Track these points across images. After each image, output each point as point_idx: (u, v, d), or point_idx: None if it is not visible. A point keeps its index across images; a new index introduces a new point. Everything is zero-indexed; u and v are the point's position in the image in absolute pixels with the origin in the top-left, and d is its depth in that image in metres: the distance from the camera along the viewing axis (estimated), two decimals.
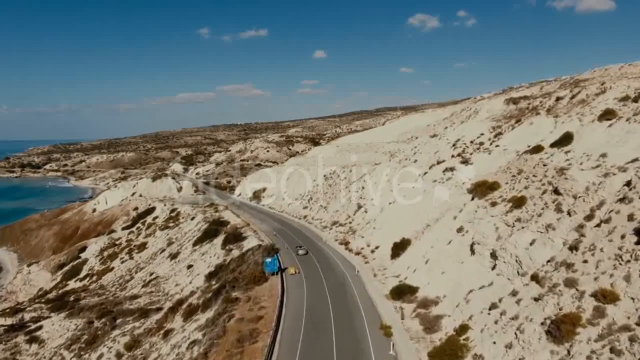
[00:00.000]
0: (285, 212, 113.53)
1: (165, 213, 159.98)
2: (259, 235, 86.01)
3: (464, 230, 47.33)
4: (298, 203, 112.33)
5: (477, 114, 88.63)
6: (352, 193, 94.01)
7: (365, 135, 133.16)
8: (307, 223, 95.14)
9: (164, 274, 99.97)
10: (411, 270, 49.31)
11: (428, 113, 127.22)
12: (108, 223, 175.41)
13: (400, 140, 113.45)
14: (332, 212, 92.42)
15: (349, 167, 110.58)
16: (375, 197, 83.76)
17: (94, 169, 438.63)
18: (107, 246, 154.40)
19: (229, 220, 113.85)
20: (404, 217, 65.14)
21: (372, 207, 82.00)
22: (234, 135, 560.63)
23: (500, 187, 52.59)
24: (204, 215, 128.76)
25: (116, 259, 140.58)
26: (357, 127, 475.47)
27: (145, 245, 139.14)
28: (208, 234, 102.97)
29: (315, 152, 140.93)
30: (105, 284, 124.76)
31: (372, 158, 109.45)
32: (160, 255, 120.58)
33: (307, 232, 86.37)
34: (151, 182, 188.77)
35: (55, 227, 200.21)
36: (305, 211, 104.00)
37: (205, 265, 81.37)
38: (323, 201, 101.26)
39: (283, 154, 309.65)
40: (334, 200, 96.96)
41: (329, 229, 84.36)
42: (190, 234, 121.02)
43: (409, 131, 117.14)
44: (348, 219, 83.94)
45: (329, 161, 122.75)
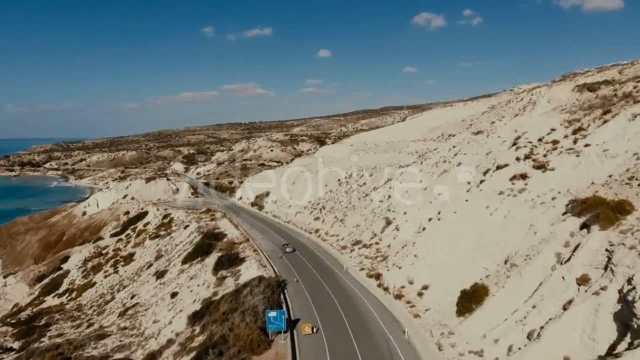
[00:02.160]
0: (292, 223, 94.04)
1: (157, 219, 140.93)
2: (260, 258, 66.58)
3: (600, 286, 27.70)
4: (307, 212, 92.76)
5: (535, 105, 69.02)
6: (375, 203, 74.45)
7: (383, 133, 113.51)
8: (320, 239, 75.59)
9: (145, 299, 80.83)
10: (503, 347, 29.70)
11: (457, 107, 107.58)
12: (96, 228, 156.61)
13: (429, 139, 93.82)
14: (351, 226, 72.89)
15: (367, 169, 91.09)
16: (408, 210, 64.18)
17: (94, 168, 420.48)
18: (92, 256, 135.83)
19: (225, 232, 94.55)
20: (461, 244, 45.58)
21: (405, 223, 62.42)
22: (237, 134, 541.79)
23: (634, 209, 33.02)
24: (198, 224, 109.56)
25: (100, 272, 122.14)
26: (363, 126, 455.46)
27: (133, 256, 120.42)
28: (200, 250, 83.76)
29: (325, 152, 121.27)
30: (84, 302, 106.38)
31: (395, 159, 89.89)
32: (147, 271, 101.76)
33: (321, 254, 66.77)
34: (145, 184, 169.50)
35: (42, 232, 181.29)
36: (316, 223, 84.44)
37: (191, 297, 62.05)
38: (339, 212, 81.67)
39: (287, 154, 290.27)
40: (353, 212, 77.38)
41: (350, 250, 64.80)
42: (181, 247, 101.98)
43: (437, 127, 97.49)
44: (374, 237, 64.39)
45: (342, 163, 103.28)
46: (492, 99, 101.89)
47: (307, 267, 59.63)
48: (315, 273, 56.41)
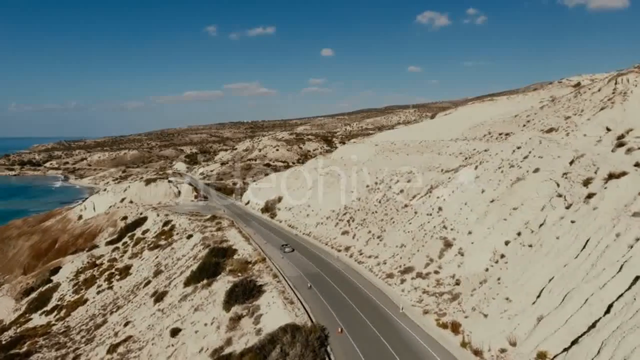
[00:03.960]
0: (312, 236, 78.97)
1: (157, 226, 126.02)
2: (283, 287, 51.50)
3: None
4: (331, 224, 77.70)
5: (625, 95, 54.05)
6: (421, 216, 59.38)
7: (413, 132, 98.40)
8: (354, 261, 60.43)
9: (140, 331, 65.94)
10: None
11: (500, 101, 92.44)
12: (91, 235, 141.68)
13: (471, 137, 78.84)
14: (394, 245, 57.83)
15: (402, 174, 76.06)
16: (474, 229, 49.17)
17: (94, 167, 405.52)
18: (85, 267, 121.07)
19: (235, 246, 79.52)
20: (593, 296, 30.57)
21: (471, 246, 47.47)
22: (240, 133, 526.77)
23: None
24: (203, 235, 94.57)
25: (93, 286, 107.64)
26: (368, 125, 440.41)
27: (129, 270, 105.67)
28: (205, 270, 68.88)
29: (346, 153, 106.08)
30: (72, 324, 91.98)
31: (434, 162, 74.95)
32: (144, 289, 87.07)
33: (361, 284, 51.63)
34: (144, 186, 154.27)
35: (34, 237, 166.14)
36: (345, 239, 69.33)
37: (197, 343, 47.04)
38: (373, 225, 66.58)
39: (294, 153, 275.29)
40: (392, 227, 62.28)
41: (399, 280, 49.69)
42: (183, 262, 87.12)
43: (480, 125, 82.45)
44: (430, 264, 49.33)
45: (368, 166, 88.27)
46: (541, 92, 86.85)
47: (349, 306, 44.55)
48: (362, 317, 41.29)
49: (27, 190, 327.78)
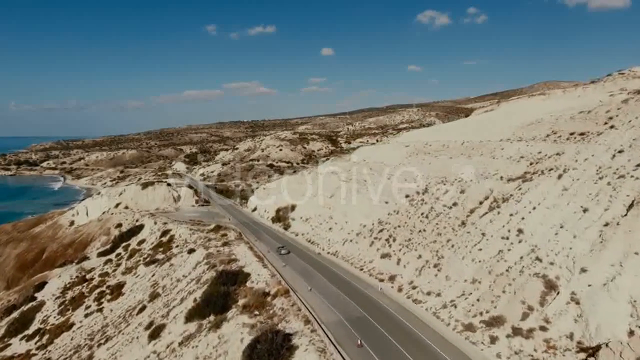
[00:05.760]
0: (341, 257, 64.12)
1: (154, 235, 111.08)
2: (323, 346, 36.70)
3: None
4: (364, 242, 62.86)
5: None
6: (494, 241, 44.73)
7: (450, 132, 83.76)
8: (407, 298, 45.63)
9: None
10: None
11: (555, 96, 77.97)
12: (82, 245, 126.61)
13: (530, 138, 64.31)
14: (461, 280, 43.23)
15: (450, 181, 61.39)
16: (589, 265, 34.61)
17: (92, 167, 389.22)
18: (73, 282, 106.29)
19: (247, 269, 64.61)
20: None
21: (590, 290, 32.93)
22: (240, 133, 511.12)
23: None
24: (207, 251, 79.70)
25: (81, 307, 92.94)
26: (370, 124, 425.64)
27: (122, 288, 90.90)
28: (212, 302, 54.04)
29: (369, 154, 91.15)
30: (54, 357, 77.36)
31: (490, 167, 60.36)
32: (138, 317, 72.23)
33: (432, 339, 36.66)
34: (141, 190, 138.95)
35: (23, 244, 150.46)
36: (385, 263, 54.56)
37: None
38: (423, 248, 51.91)
39: (297, 153, 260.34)
40: (453, 253, 47.58)
41: (487, 336, 35.09)
42: (184, 285, 72.32)
43: (538, 123, 67.94)
44: (530, 314, 34.71)
45: (402, 170, 73.61)
46: (605, 84, 72.39)
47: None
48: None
49: (25, 192, 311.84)
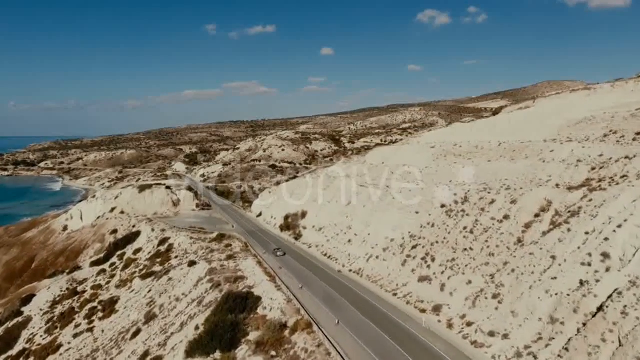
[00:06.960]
0: (366, 277, 54.68)
1: (152, 244, 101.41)
2: None
3: None
4: (394, 260, 53.37)
5: None
6: (572, 267, 35.35)
7: (482, 131, 74.38)
8: (464, 339, 36.19)
9: None
10: None
11: (603, 91, 68.74)
12: (74, 253, 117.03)
13: (583, 138, 55.09)
14: (535, 318, 33.93)
15: (496, 190, 51.98)
16: None
17: (90, 168, 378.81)
18: (63, 295, 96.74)
19: (257, 291, 55.04)
20: None
21: None
22: (241, 132, 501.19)
23: None
24: (210, 266, 70.04)
25: (70, 325, 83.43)
26: (372, 123, 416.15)
27: (115, 305, 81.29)
28: (218, 334, 44.36)
29: (387, 156, 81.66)
30: None
31: (540, 173, 51.11)
32: (131, 342, 62.72)
33: None
34: (138, 194, 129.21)
35: (13, 250, 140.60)
36: (425, 288, 45.23)
37: None
38: (472, 271, 42.56)
39: (300, 154, 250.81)
40: (516, 281, 38.17)
41: None
42: (184, 307, 62.67)
43: (589, 121, 58.76)
44: None
45: (431, 175, 64.22)
46: None
47: None
48: None
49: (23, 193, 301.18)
